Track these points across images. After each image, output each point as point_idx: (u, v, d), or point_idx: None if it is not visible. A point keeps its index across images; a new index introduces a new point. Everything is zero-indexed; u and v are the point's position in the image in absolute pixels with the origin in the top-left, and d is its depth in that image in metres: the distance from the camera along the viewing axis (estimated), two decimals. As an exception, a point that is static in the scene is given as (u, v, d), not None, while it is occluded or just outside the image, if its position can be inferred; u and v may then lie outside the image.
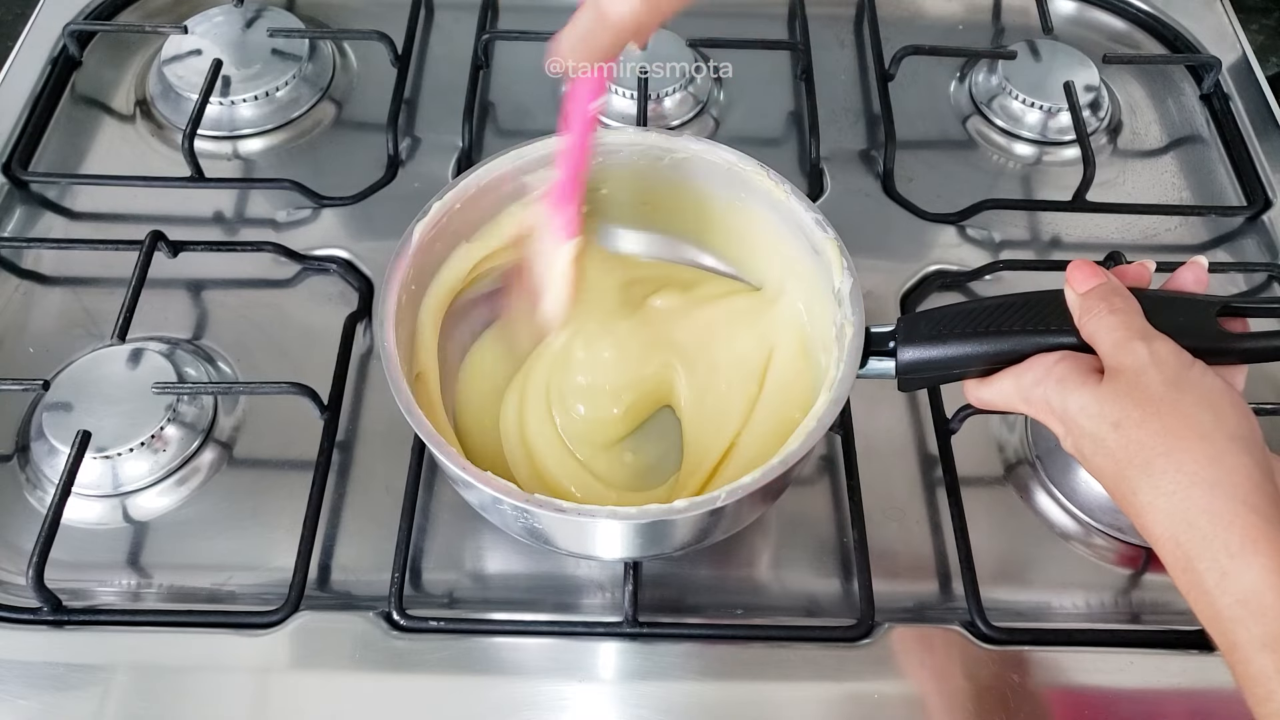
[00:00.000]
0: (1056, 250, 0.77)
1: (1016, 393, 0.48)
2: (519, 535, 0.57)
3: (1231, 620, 0.39)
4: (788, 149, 0.83)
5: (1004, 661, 0.57)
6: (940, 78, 0.88)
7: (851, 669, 0.57)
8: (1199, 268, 0.50)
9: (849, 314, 0.54)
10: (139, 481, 0.63)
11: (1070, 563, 0.63)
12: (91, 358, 0.66)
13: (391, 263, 0.56)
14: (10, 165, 0.77)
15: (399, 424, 0.52)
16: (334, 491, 0.63)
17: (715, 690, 0.56)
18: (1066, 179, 0.80)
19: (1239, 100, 0.85)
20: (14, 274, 0.73)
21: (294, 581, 0.58)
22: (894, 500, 0.64)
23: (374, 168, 0.79)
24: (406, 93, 0.83)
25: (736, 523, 0.58)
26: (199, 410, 0.66)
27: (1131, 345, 0.44)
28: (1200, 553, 0.40)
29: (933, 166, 0.82)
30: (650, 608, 0.59)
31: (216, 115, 0.81)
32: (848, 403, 0.53)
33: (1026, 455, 0.66)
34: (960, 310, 0.51)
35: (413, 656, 0.57)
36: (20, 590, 0.59)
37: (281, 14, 0.87)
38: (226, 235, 0.76)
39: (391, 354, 0.52)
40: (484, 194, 0.60)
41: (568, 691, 0.56)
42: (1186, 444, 0.41)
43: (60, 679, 0.56)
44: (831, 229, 0.57)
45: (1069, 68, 0.84)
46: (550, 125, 0.58)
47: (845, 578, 0.61)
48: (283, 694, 0.56)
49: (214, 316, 0.71)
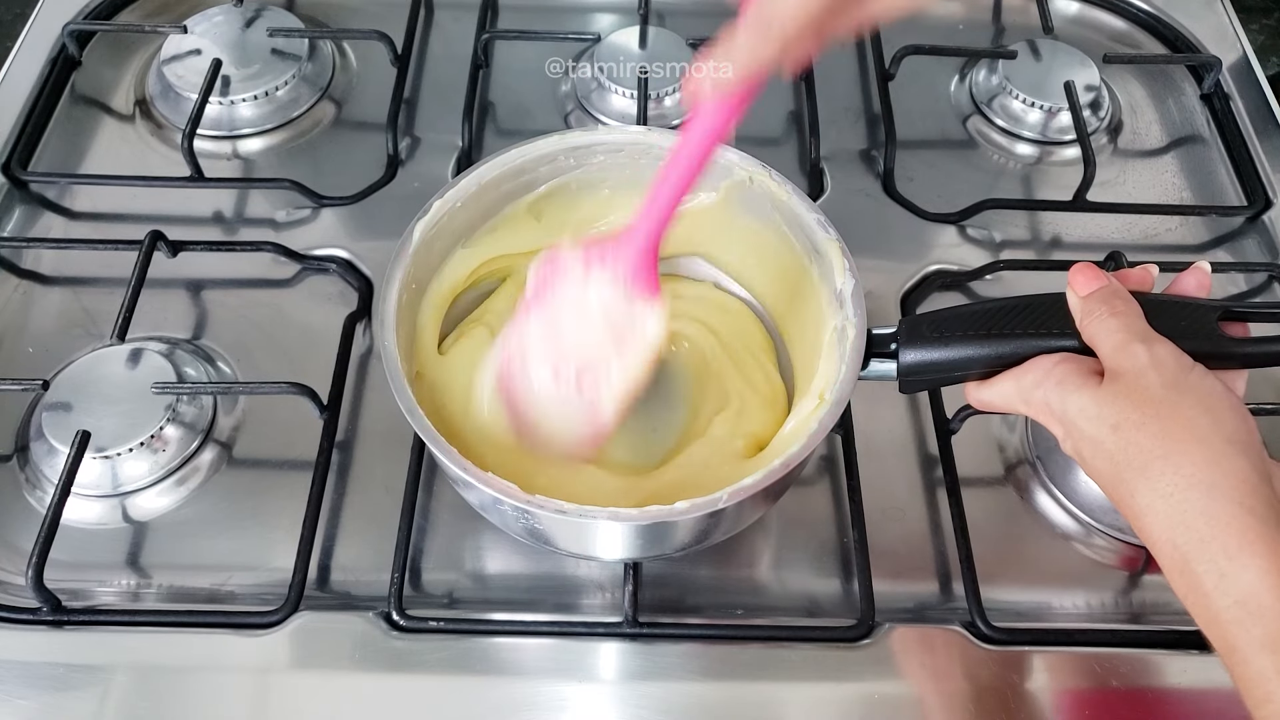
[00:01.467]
0: (1057, 250, 0.77)
1: (1017, 394, 0.48)
2: (519, 535, 0.57)
3: (1230, 622, 0.39)
4: (788, 149, 0.83)
5: (1004, 662, 0.57)
6: (940, 77, 0.88)
7: (852, 669, 0.57)
8: (1201, 273, 0.50)
9: (850, 315, 0.54)
10: (138, 481, 0.63)
11: (1070, 563, 0.63)
12: (91, 358, 0.66)
13: (392, 262, 0.56)
14: (10, 165, 0.77)
15: (399, 424, 0.52)
16: (334, 491, 0.63)
17: (715, 690, 0.56)
18: (1067, 179, 0.80)
19: (1239, 100, 0.85)
20: (14, 274, 0.73)
21: (294, 581, 0.58)
22: (894, 500, 0.64)
23: (374, 167, 0.78)
24: (406, 92, 0.83)
25: (737, 523, 0.58)
26: (198, 410, 0.66)
27: (1132, 348, 0.44)
28: (1198, 555, 0.40)
29: (933, 166, 0.82)
30: (650, 608, 0.59)
31: (216, 115, 0.81)
32: (848, 403, 0.53)
33: (1027, 455, 0.66)
34: (962, 312, 0.51)
35: (412, 657, 0.57)
36: (20, 590, 0.59)
37: (281, 14, 0.87)
38: (226, 235, 0.76)
39: (391, 354, 0.52)
40: (485, 192, 0.60)
41: (568, 691, 0.56)
42: (1185, 447, 0.41)
43: (60, 679, 0.56)
44: (834, 230, 0.57)
45: (1069, 67, 0.84)
46: (550, 125, 0.58)
47: (845, 578, 0.61)
48: (282, 694, 0.56)
49: (214, 316, 0.71)
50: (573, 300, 0.50)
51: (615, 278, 0.49)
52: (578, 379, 0.51)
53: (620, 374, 0.50)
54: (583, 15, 0.91)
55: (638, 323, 0.49)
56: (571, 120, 0.83)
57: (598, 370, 0.51)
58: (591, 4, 0.92)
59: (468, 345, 0.61)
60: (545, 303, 0.52)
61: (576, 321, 0.51)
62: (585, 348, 0.51)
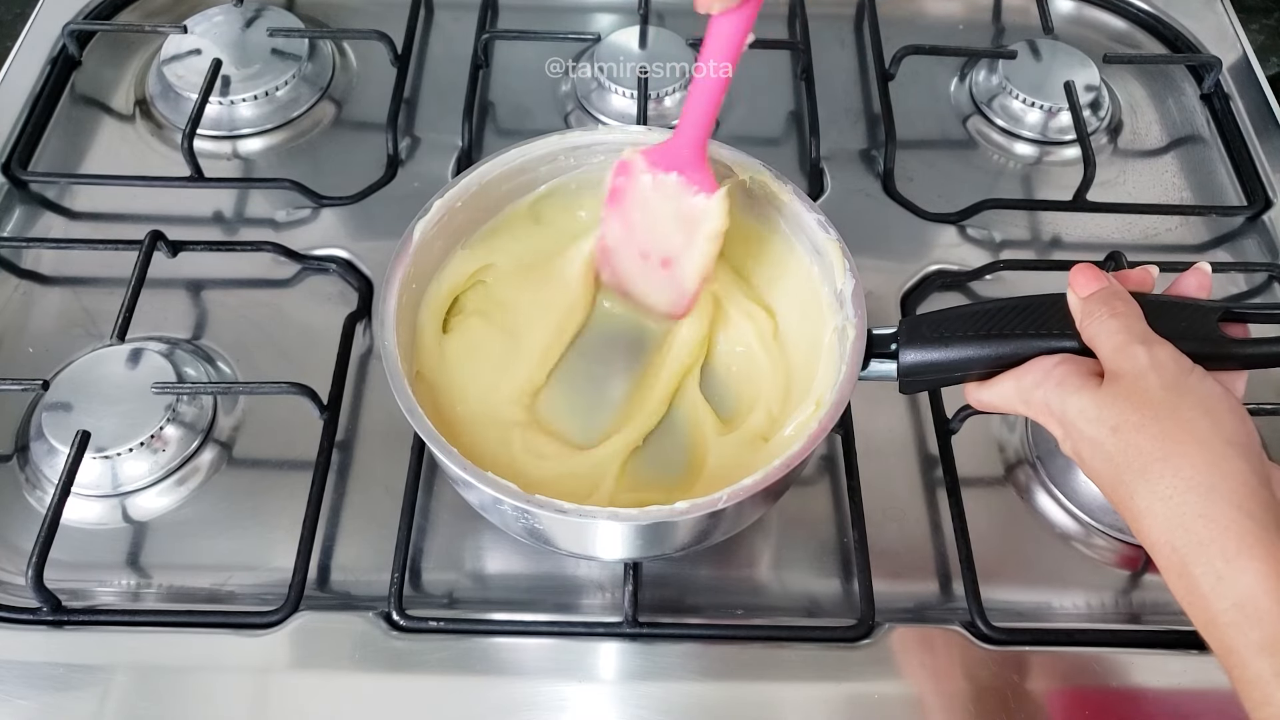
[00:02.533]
0: (1057, 250, 0.77)
1: (1016, 395, 0.48)
2: (519, 535, 0.57)
3: (1227, 625, 0.39)
4: (788, 149, 0.83)
5: (1004, 662, 0.57)
6: (940, 77, 0.88)
7: (851, 669, 0.57)
8: (1202, 274, 0.49)
9: (851, 315, 0.54)
10: (138, 481, 0.63)
11: (1070, 563, 0.63)
12: (91, 358, 0.66)
13: (392, 262, 0.56)
14: (10, 165, 0.77)
15: (399, 424, 0.52)
16: (334, 491, 0.63)
17: (715, 690, 0.56)
18: (1067, 179, 0.80)
19: (1239, 100, 0.85)
20: (14, 274, 0.73)
21: (294, 581, 0.58)
22: (894, 500, 0.64)
23: (374, 167, 0.78)
24: (406, 92, 0.83)
25: (737, 523, 0.58)
26: (198, 410, 0.66)
27: (1131, 349, 0.44)
28: (1196, 557, 0.40)
29: (933, 166, 0.82)
30: (650, 608, 0.59)
31: (216, 115, 0.81)
32: (848, 404, 0.53)
33: (1027, 456, 0.66)
34: (962, 313, 0.51)
35: (412, 656, 0.57)
36: (20, 590, 0.59)
37: (281, 13, 0.87)
38: (226, 235, 0.76)
39: (392, 354, 0.52)
40: (485, 192, 0.60)
41: (568, 691, 0.56)
42: (1184, 449, 0.41)
43: (60, 679, 0.56)
44: (834, 230, 0.57)
45: (1069, 67, 0.84)
46: (550, 125, 0.58)
47: (845, 578, 0.61)
48: (282, 694, 0.56)
49: (213, 316, 0.71)
50: (643, 199, 0.58)
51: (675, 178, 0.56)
52: (661, 263, 0.59)
53: (694, 254, 0.57)
54: (583, 15, 0.91)
55: (700, 211, 0.56)
56: (571, 120, 0.83)
57: (675, 251, 0.58)
58: (591, 4, 0.92)
59: (467, 340, 0.61)
60: (623, 204, 0.58)
61: (651, 218, 0.58)
62: (662, 237, 0.58)
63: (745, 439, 0.58)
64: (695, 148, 0.55)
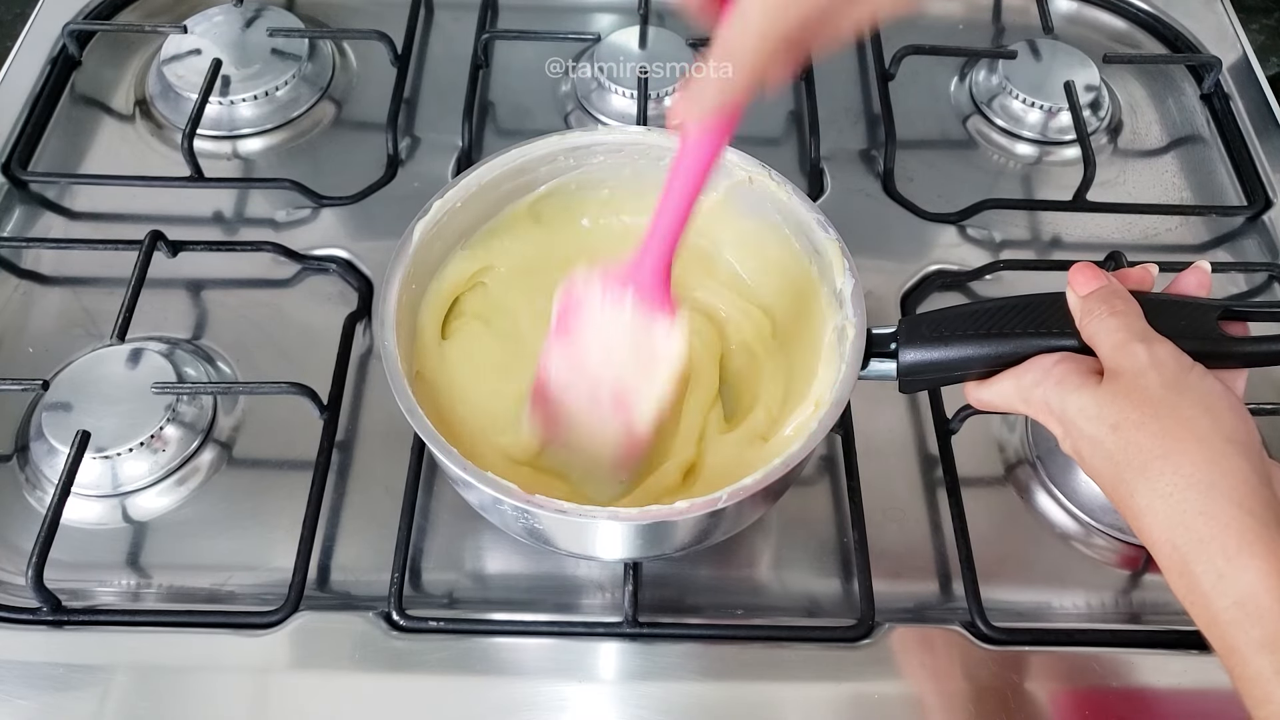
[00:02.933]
0: (1057, 250, 0.77)
1: (1016, 394, 0.48)
2: (519, 535, 0.57)
3: (1228, 623, 0.39)
4: (788, 149, 0.83)
5: (1004, 662, 0.57)
6: (940, 77, 0.88)
7: (851, 669, 0.57)
8: (1201, 272, 0.49)
9: (850, 315, 0.54)
10: (138, 481, 0.63)
11: (1070, 563, 0.63)
12: (91, 358, 0.66)
13: (392, 262, 0.56)
14: (10, 165, 0.77)
15: (399, 424, 0.52)
16: (334, 491, 0.63)
17: (715, 690, 0.56)
18: (1067, 179, 0.80)
19: (1239, 100, 0.85)
20: (13, 274, 0.73)
21: (294, 581, 0.58)
22: (894, 500, 0.64)
23: (374, 167, 0.78)
24: (406, 92, 0.83)
25: (737, 523, 0.58)
26: (198, 410, 0.66)
27: (1131, 347, 0.44)
28: (1196, 555, 0.40)
29: (933, 166, 0.82)
30: (650, 608, 0.59)
31: (216, 115, 0.81)
32: (848, 403, 0.53)
33: (1027, 455, 0.66)
34: (961, 312, 0.51)
35: (412, 657, 0.57)
36: (20, 590, 0.59)
37: (281, 13, 0.87)
38: (226, 235, 0.76)
39: (392, 354, 0.52)
40: (485, 192, 0.60)
41: (568, 691, 0.56)
42: (1184, 447, 0.41)
43: (60, 679, 0.56)
44: (833, 229, 0.57)
45: (1069, 67, 0.84)
46: (550, 125, 0.58)
47: (845, 578, 0.61)
48: (282, 694, 0.56)
49: (213, 316, 0.71)
50: (595, 326, 0.52)
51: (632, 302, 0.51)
52: (611, 401, 0.54)
53: (649, 392, 0.52)
54: (583, 15, 0.91)
55: (659, 342, 0.51)
56: (571, 120, 0.83)
57: (628, 391, 0.53)
58: (591, 4, 0.92)
59: (465, 341, 0.61)
60: (570, 330, 0.53)
61: (601, 346, 0.53)
62: (613, 369, 0.53)
63: (745, 439, 0.58)
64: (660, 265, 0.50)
